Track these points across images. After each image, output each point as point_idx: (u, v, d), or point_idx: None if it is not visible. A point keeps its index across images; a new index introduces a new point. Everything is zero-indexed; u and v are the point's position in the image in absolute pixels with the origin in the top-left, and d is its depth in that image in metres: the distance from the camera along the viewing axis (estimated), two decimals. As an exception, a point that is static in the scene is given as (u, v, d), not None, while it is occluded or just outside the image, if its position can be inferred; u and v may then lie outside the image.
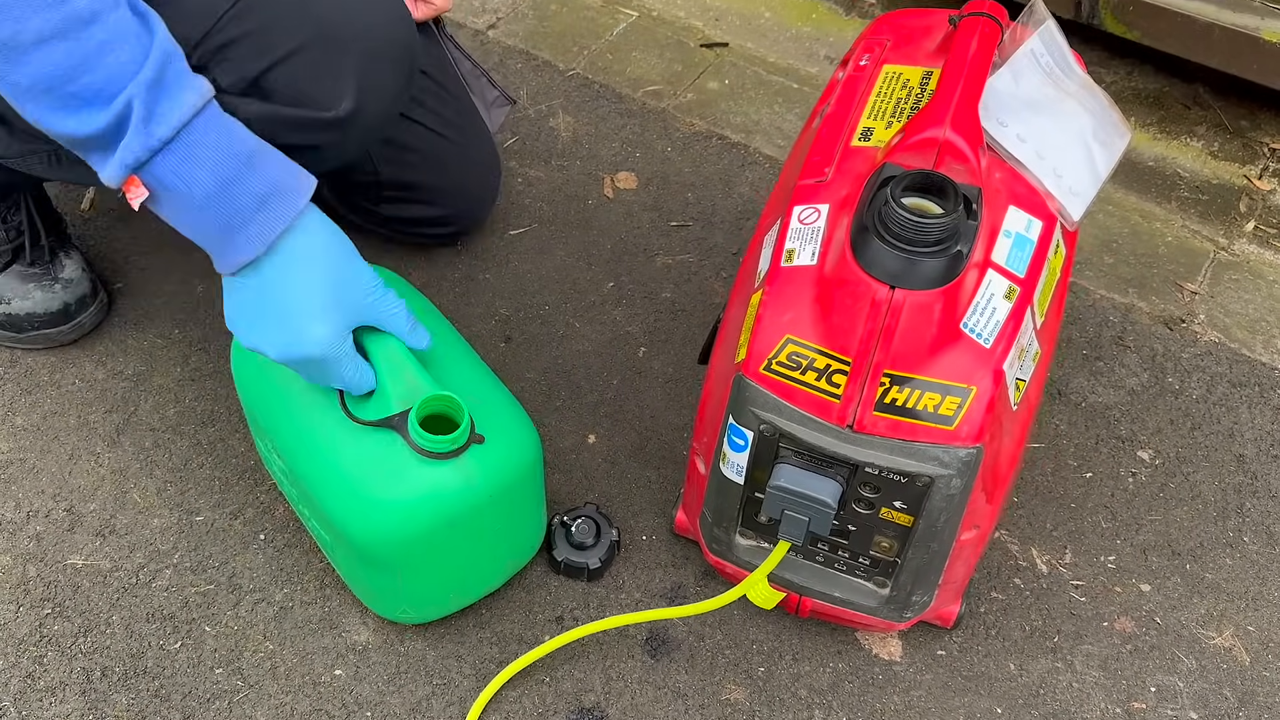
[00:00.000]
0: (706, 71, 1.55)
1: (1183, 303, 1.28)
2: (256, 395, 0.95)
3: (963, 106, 0.82)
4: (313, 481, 0.89)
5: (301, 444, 0.90)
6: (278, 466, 0.96)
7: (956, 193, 0.77)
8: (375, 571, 0.91)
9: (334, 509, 0.88)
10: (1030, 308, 0.82)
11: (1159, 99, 1.55)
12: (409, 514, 0.86)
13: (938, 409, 0.78)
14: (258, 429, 0.98)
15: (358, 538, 0.87)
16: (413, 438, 0.84)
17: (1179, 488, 1.11)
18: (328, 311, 0.81)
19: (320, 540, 0.98)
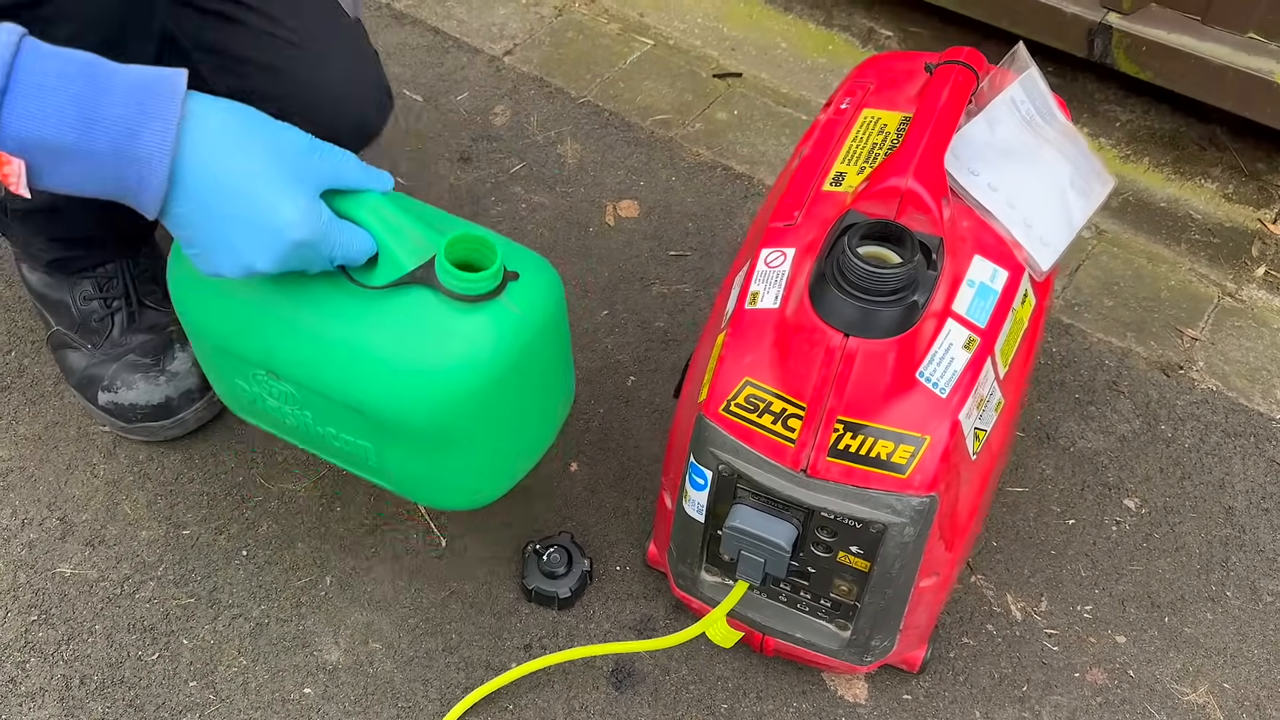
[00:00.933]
0: (716, 101, 1.56)
1: (1182, 349, 1.27)
2: (231, 323, 0.83)
3: (928, 156, 0.82)
4: (340, 380, 0.79)
5: (311, 345, 0.80)
6: (275, 397, 0.86)
7: (914, 243, 0.77)
8: (440, 454, 0.83)
9: (377, 398, 0.78)
10: (991, 358, 0.82)
11: (1174, 139, 1.54)
12: (467, 369, 0.77)
13: (891, 456, 0.78)
14: (238, 363, 0.86)
15: (416, 417, 0.78)
16: (446, 283, 0.75)
17: (1164, 538, 1.10)
18: (286, 186, 0.71)
19: (355, 459, 0.88)
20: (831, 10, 1.72)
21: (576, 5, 1.73)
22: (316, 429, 0.87)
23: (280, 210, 0.71)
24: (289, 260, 0.73)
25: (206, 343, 0.87)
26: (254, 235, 0.71)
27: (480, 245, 0.77)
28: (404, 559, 1.06)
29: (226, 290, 0.81)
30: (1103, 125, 1.56)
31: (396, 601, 1.03)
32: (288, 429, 0.90)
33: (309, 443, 0.91)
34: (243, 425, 1.15)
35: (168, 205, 0.70)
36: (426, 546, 1.06)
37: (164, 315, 1.15)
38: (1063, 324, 1.28)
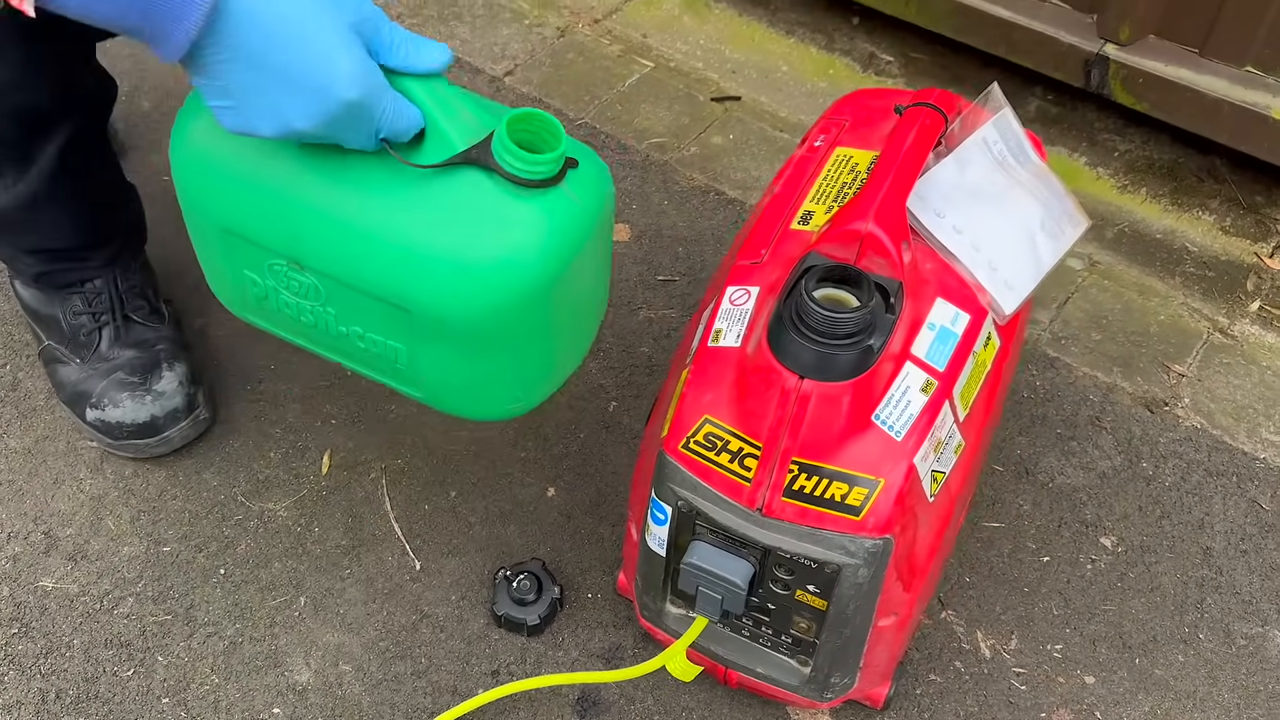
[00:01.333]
0: (713, 125, 1.57)
1: (1168, 385, 1.26)
2: (249, 204, 0.74)
3: (890, 200, 0.82)
4: (377, 271, 0.72)
5: (346, 231, 0.71)
6: (294, 291, 0.78)
7: (870, 287, 0.78)
8: (485, 355, 0.76)
9: (421, 291, 0.71)
10: (950, 401, 0.82)
11: (1173, 170, 1.53)
12: (524, 261, 0.70)
13: (845, 499, 0.79)
14: (253, 251, 0.77)
15: (466, 313, 0.71)
16: (505, 165, 0.68)
17: (1139, 578, 1.09)
18: (341, 38, 0.63)
19: (380, 363, 0.80)
20: (833, 34, 1.73)
21: (580, 26, 1.74)
22: (339, 328, 0.79)
23: (335, 63, 0.62)
24: (335, 122, 0.64)
25: (213, 225, 0.78)
26: (301, 89, 0.63)
27: (544, 126, 0.70)
28: (378, 581, 1.07)
29: (246, 165, 0.72)
30: (1101, 155, 1.56)
31: (368, 624, 1.04)
32: (300, 328, 0.82)
33: (325, 345, 0.82)
34: (229, 443, 1.17)
35: (200, 48, 0.60)
36: (401, 569, 1.08)
37: (151, 331, 1.17)
38: (1048, 357, 1.28)
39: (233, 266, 0.81)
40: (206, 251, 0.84)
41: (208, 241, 0.83)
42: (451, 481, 1.14)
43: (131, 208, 1.21)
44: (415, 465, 1.16)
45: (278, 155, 0.72)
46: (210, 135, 0.74)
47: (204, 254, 0.85)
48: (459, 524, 1.11)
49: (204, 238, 0.83)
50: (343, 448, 1.17)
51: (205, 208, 0.78)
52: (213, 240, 0.81)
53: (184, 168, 0.77)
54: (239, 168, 0.73)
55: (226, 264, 0.82)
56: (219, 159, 0.74)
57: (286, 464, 1.15)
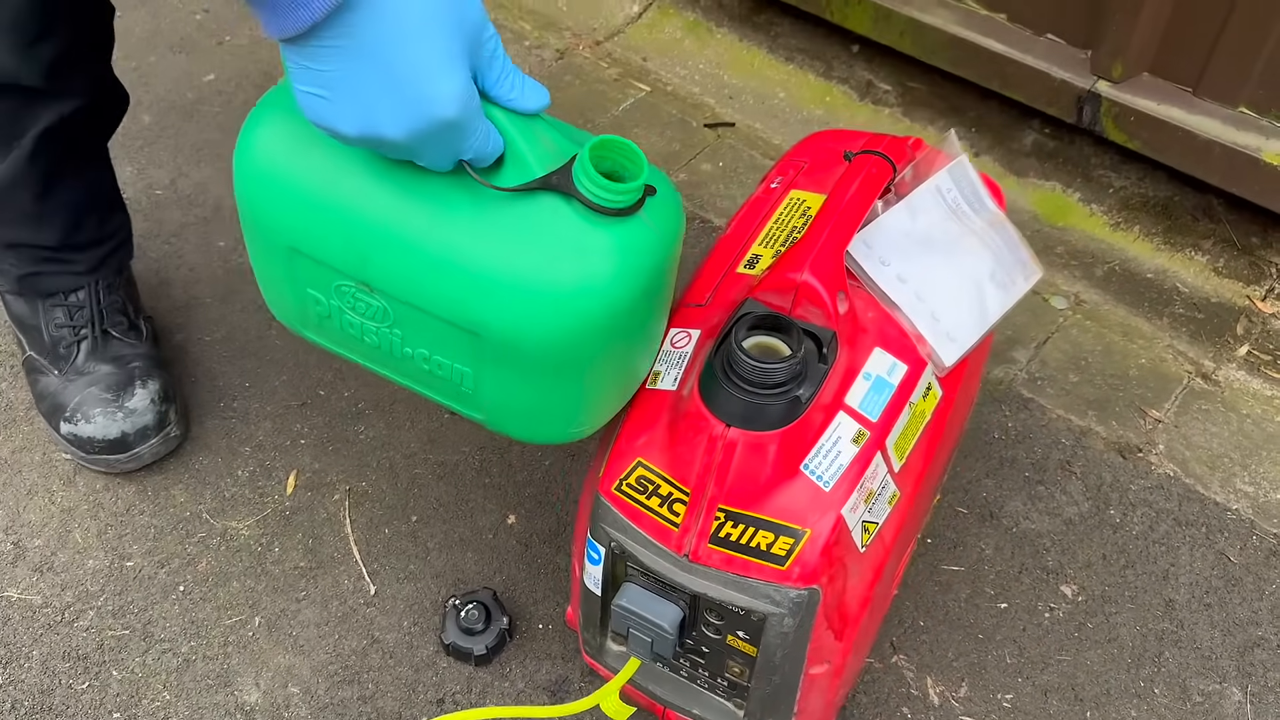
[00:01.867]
0: (704, 152, 1.57)
1: (1143, 430, 1.25)
2: (318, 222, 0.73)
3: (827, 249, 0.82)
4: (450, 295, 0.71)
5: (419, 253, 0.71)
6: (361, 313, 0.77)
7: (800, 337, 0.78)
8: (554, 381, 0.76)
9: (496, 316, 0.71)
10: (882, 452, 0.82)
11: (1167, 208, 1.51)
12: (603, 289, 0.70)
13: (770, 548, 0.78)
14: (320, 271, 0.76)
15: (540, 340, 0.71)
16: (587, 191, 0.68)
17: (1097, 628, 1.08)
18: (455, 55, 0.62)
19: (444, 385, 0.80)
20: (832, 62, 1.72)
21: (580, 48, 1.75)
22: (404, 349, 0.78)
23: (441, 79, 0.61)
24: (424, 138, 0.63)
25: (278, 243, 0.76)
26: (402, 94, 0.61)
27: (625, 153, 0.70)
28: (332, 604, 1.08)
29: (316, 182, 0.71)
30: (1095, 191, 1.54)
31: (319, 647, 1.05)
32: (363, 349, 0.81)
33: (387, 365, 0.82)
34: (199, 460, 1.19)
35: (317, 27, 0.59)
36: (356, 593, 1.09)
37: (128, 347, 1.19)
38: (1022, 398, 1.27)
39: (296, 286, 0.80)
40: (268, 269, 0.82)
41: (271, 260, 0.81)
42: (414, 506, 1.15)
43: (119, 218, 1.23)
44: (379, 488, 1.17)
45: (350, 172, 0.71)
46: (280, 150, 0.73)
47: (264, 271, 0.83)
48: (417, 549, 1.12)
49: (267, 256, 0.81)
50: (309, 468, 1.18)
51: (271, 225, 0.76)
52: (277, 259, 0.79)
53: (250, 183, 0.75)
54: (309, 185, 0.72)
55: (289, 283, 0.80)
56: (289, 175, 0.73)
57: (253, 483, 1.17)
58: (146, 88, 1.62)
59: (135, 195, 1.46)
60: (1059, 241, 1.49)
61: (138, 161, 1.51)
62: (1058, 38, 1.46)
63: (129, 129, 1.55)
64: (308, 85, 0.63)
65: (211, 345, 1.29)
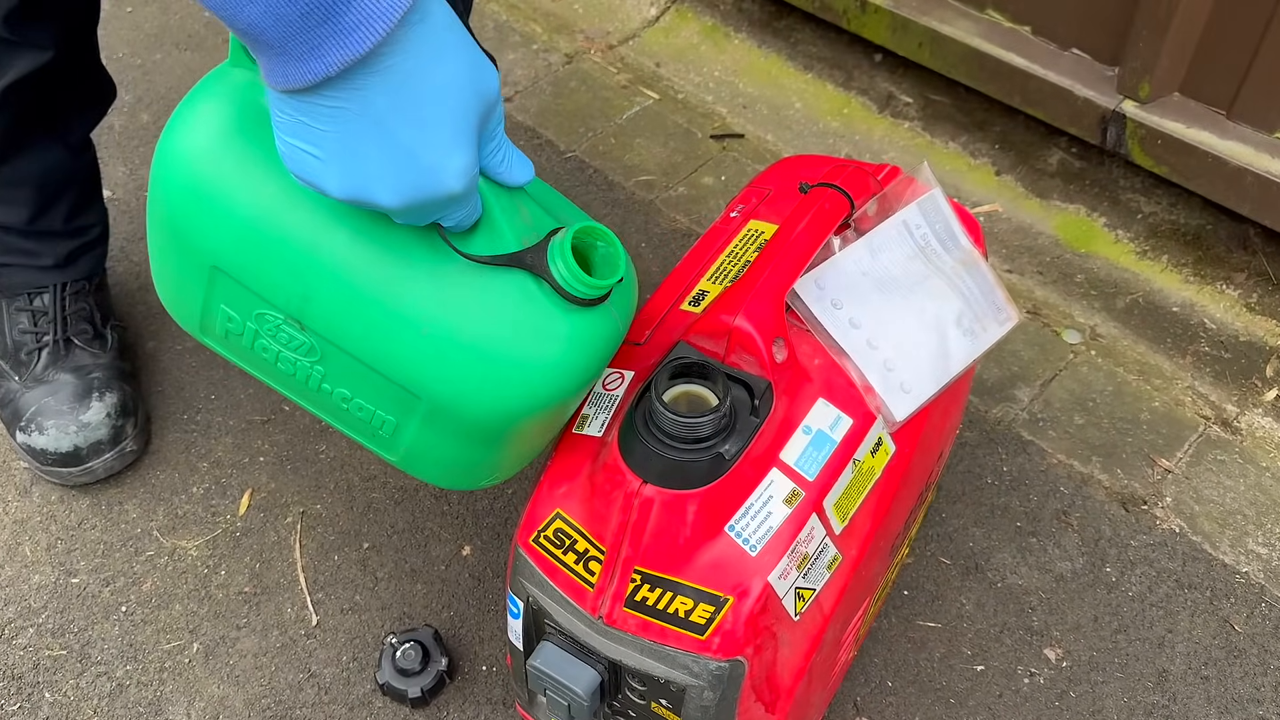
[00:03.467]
0: (706, 165, 1.51)
1: (1151, 481, 1.16)
2: (257, 251, 0.66)
3: (765, 291, 0.76)
4: (395, 353, 0.67)
5: (368, 305, 0.66)
6: (282, 344, 0.71)
7: (726, 388, 0.71)
8: (487, 446, 0.73)
9: (443, 382, 0.67)
10: (819, 513, 0.75)
11: (1199, 237, 1.41)
12: (560, 374, 0.68)
13: (689, 615, 0.72)
14: (245, 297, 0.69)
15: (487, 412, 0.68)
16: (560, 277, 0.64)
17: (1080, 699, 1.00)
18: (467, 132, 0.57)
19: (361, 425, 0.75)
20: (853, 71, 1.65)
21: (591, 53, 1.69)
22: (323, 385, 0.73)
23: (453, 154, 0.56)
24: (418, 209, 0.59)
25: (199, 260, 0.69)
26: (404, 167, 0.56)
27: (604, 242, 0.66)
28: (272, 633, 1.04)
29: (260, 205, 0.64)
30: (1123, 216, 1.45)
31: (254, 678, 1.01)
32: (272, 372, 0.75)
33: (297, 393, 0.76)
34: (156, 475, 1.16)
35: (327, 84, 0.52)
36: (298, 623, 1.05)
37: (90, 357, 1.16)
38: (1021, 440, 1.19)
39: (209, 300, 0.72)
40: (177, 277, 0.74)
41: (184, 270, 0.72)
42: (367, 532, 1.11)
43: (95, 214, 1.19)
44: (334, 511, 1.13)
45: (302, 203, 0.64)
46: (217, 158, 0.65)
47: (171, 276, 0.75)
48: (365, 578, 1.08)
49: (179, 265, 0.72)
50: (265, 488, 1.14)
51: (195, 241, 0.68)
52: (192, 272, 0.71)
53: (174, 191, 0.67)
54: (249, 207, 0.65)
55: (200, 295, 0.72)
56: (225, 190, 0.65)
57: (206, 501, 1.14)
58: (149, 84, 1.60)
59: (125, 196, 1.44)
60: (1080, 269, 1.40)
61: (131, 161, 1.49)
62: (1083, 53, 1.37)
63: (127, 128, 1.53)
64: (298, 140, 0.56)
65: (182, 354, 1.26)
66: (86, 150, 1.17)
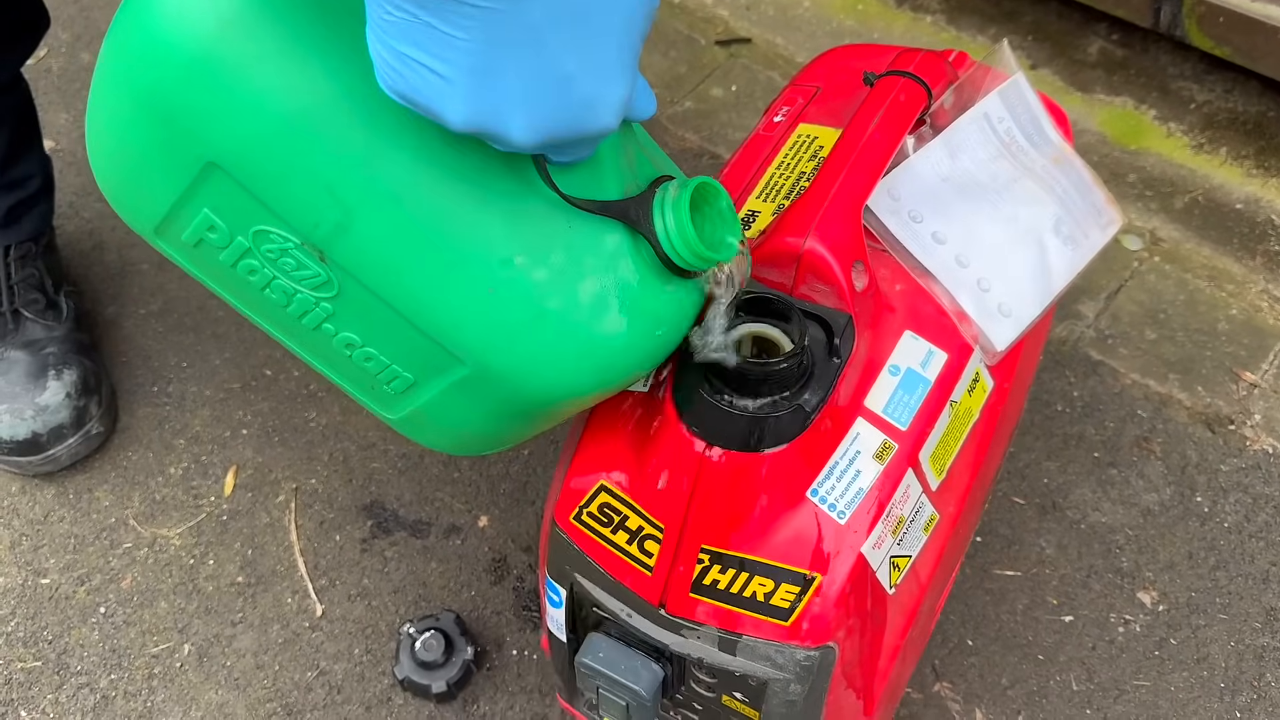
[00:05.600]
0: (714, 75, 1.36)
1: (1236, 398, 1.04)
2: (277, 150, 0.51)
3: (839, 206, 0.63)
4: (447, 302, 0.54)
5: (430, 240, 0.52)
6: (280, 270, 0.56)
7: (803, 327, 0.59)
8: (519, 420, 0.62)
9: (504, 347, 0.55)
10: (915, 469, 0.63)
11: (1260, 125, 1.28)
12: (640, 352, 0.57)
13: (770, 598, 0.61)
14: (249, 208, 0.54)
15: (547, 389, 0.57)
16: (666, 239, 0.53)
17: (1182, 645, 0.90)
18: (630, 57, 0.47)
19: (361, 376, 0.62)
20: (865, -36, 1.50)
21: (575, -41, 1.53)
22: (325, 327, 0.59)
23: (615, 82, 0.46)
24: (554, 146, 0.48)
25: (192, 153, 0.52)
26: (555, 93, 0.45)
27: (717, 203, 0.56)
28: (272, 628, 0.92)
29: (311, 102, 0.49)
30: (1174, 107, 1.32)
31: (256, 680, 0.90)
32: (256, 301, 0.60)
33: (282, 328, 0.61)
34: (128, 456, 1.03)
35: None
36: (300, 614, 0.93)
37: (44, 330, 1.03)
38: (1091, 361, 1.07)
39: (187, 198, 0.55)
40: (138, 160, 0.55)
41: (155, 158, 0.54)
42: (370, 507, 0.99)
43: (34, 164, 1.05)
44: (331, 486, 1.00)
45: (362, 100, 0.49)
46: (250, 27, 0.48)
47: (127, 158, 0.55)
48: (373, 560, 0.96)
49: (150, 151, 0.54)
50: (251, 463, 1.02)
51: (192, 129, 0.51)
52: (169, 163, 0.53)
53: (173, 63, 0.49)
54: (288, 96, 0.49)
55: (170, 189, 0.54)
56: (255, 72, 0.49)
57: (186, 482, 1.01)
58: (88, 21, 1.44)
59: (70, 145, 1.30)
60: (1131, 168, 1.27)
61: (74, 107, 1.34)
62: (1130, -76, 1.23)
63: (66, 69, 1.37)
64: (417, 50, 0.43)
65: (147, 319, 1.13)
66: (16, 87, 1.02)
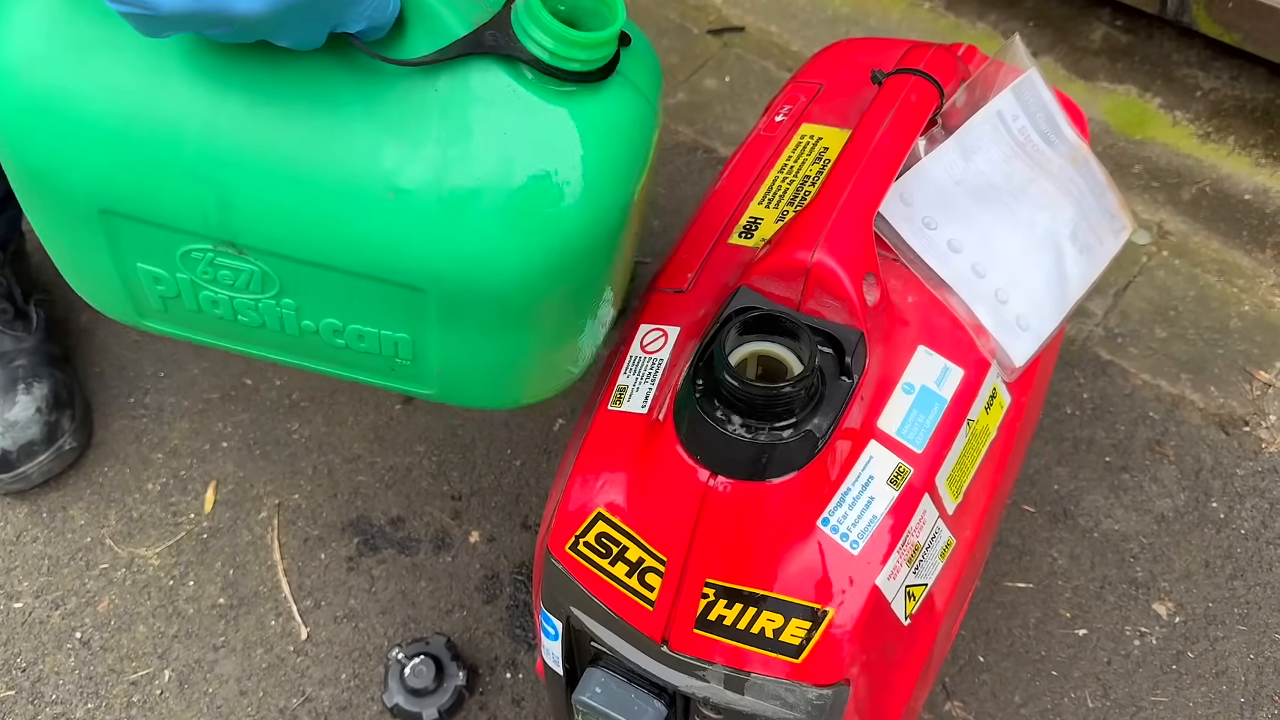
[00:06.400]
0: (707, 65, 1.32)
1: (1250, 398, 1.01)
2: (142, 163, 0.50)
3: (849, 215, 0.59)
4: (365, 234, 0.50)
5: (309, 179, 0.49)
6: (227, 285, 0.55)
7: (813, 346, 0.55)
8: (531, 327, 0.56)
9: (442, 251, 0.50)
10: (931, 493, 0.60)
11: (1269, 112, 1.25)
12: (595, 188, 0.51)
13: (779, 634, 0.57)
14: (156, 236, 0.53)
15: (511, 274, 0.51)
16: (538, 47, 0.47)
17: (1200, 659, 0.87)
18: None
19: (367, 362, 0.59)
20: (859, -51, 1.45)
21: (562, -54, 1.49)
22: (302, 323, 0.56)
23: None
24: (296, 11, 0.43)
25: (80, 206, 0.53)
26: None
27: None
28: (256, 651, 0.89)
29: (122, 95, 0.48)
30: (1180, 95, 1.28)
31: (239, 707, 0.86)
32: (238, 331, 0.58)
33: (280, 348, 0.60)
34: (103, 471, 0.99)
35: None
36: (285, 637, 0.89)
37: (12, 341, 0.99)
38: (1100, 361, 1.03)
39: (120, 263, 0.56)
40: (71, 245, 0.58)
41: (73, 231, 0.56)
42: (356, 523, 0.95)
43: None
44: (315, 501, 0.96)
45: (173, 76, 0.48)
46: (50, 54, 0.49)
47: (65, 249, 0.59)
48: (359, 579, 0.92)
49: (64, 225, 0.56)
50: (232, 478, 0.98)
51: (63, 179, 0.52)
52: (82, 229, 0.55)
53: (11, 118, 0.50)
54: (108, 100, 0.49)
55: (108, 261, 0.56)
56: (72, 92, 0.49)
57: (165, 499, 0.97)
58: None
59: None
60: (1136, 158, 1.23)
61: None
62: (1136, -94, 1.19)
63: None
64: None
65: (121, 326, 1.08)
66: None
